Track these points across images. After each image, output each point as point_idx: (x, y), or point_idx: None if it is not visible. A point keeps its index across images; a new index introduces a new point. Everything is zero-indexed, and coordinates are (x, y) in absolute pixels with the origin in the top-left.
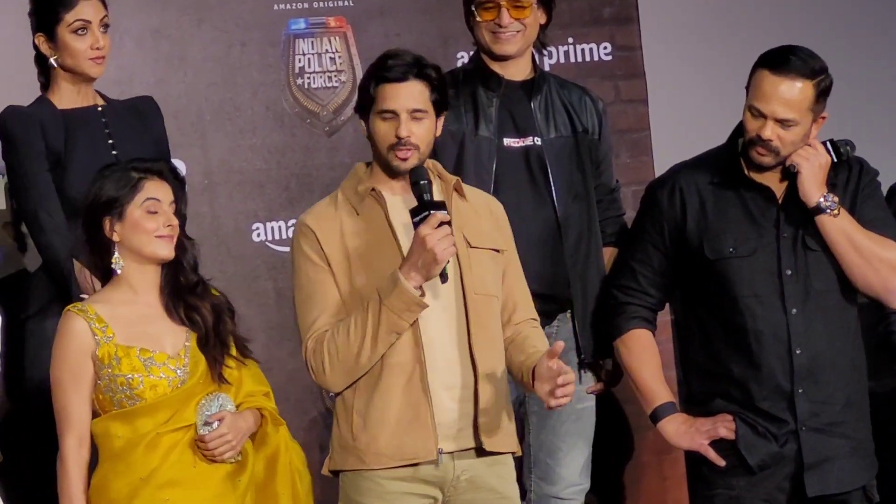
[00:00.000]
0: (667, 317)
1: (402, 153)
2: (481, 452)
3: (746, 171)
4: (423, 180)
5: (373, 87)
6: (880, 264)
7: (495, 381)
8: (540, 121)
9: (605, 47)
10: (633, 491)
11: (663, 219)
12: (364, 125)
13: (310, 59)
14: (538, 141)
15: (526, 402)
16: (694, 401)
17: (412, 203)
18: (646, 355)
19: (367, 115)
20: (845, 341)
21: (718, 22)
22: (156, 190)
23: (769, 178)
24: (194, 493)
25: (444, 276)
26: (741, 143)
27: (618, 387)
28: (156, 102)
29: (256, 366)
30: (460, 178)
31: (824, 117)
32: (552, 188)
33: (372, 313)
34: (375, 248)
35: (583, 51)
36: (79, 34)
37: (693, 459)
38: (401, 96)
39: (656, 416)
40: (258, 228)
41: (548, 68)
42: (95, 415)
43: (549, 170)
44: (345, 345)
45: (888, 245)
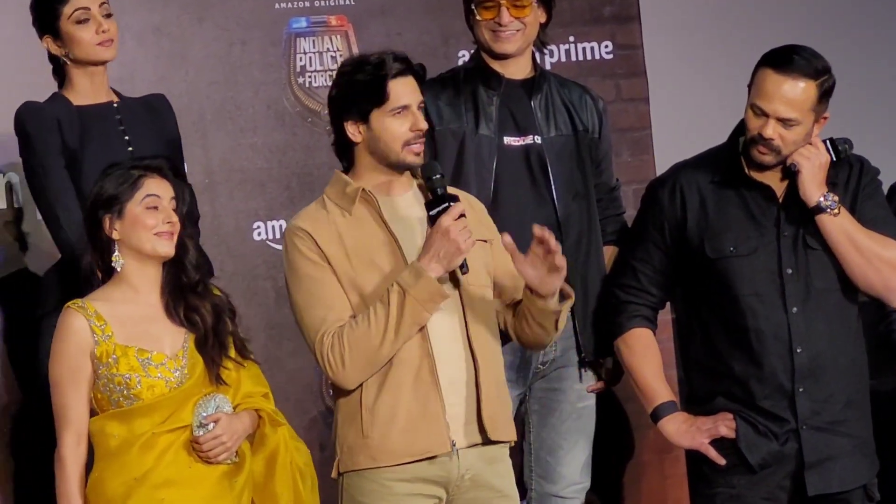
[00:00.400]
0: (668, 316)
1: (418, 147)
2: (487, 443)
3: (747, 169)
4: (437, 174)
5: (385, 86)
6: (881, 263)
7: (494, 372)
8: (540, 119)
9: (607, 46)
10: (634, 490)
11: (664, 218)
12: (358, 129)
13: (311, 57)
14: (538, 139)
15: (527, 401)
16: (695, 400)
17: (403, 202)
18: (647, 354)
19: (366, 117)
20: (846, 340)
21: (720, 21)
22: (156, 187)
23: (770, 177)
24: (190, 493)
25: (464, 267)
26: (742, 141)
27: (618, 385)
28: (168, 101)
29: (256, 367)
30: (461, 176)
31: (826, 118)
32: (552, 187)
33: (395, 305)
34: (374, 246)
35: (584, 49)
36: (81, 23)
37: (694, 458)
38: (410, 91)
39: (657, 414)
40: (259, 227)
41: (549, 67)
42: (92, 413)
43: (549, 168)
44: (365, 338)
45: (889, 244)
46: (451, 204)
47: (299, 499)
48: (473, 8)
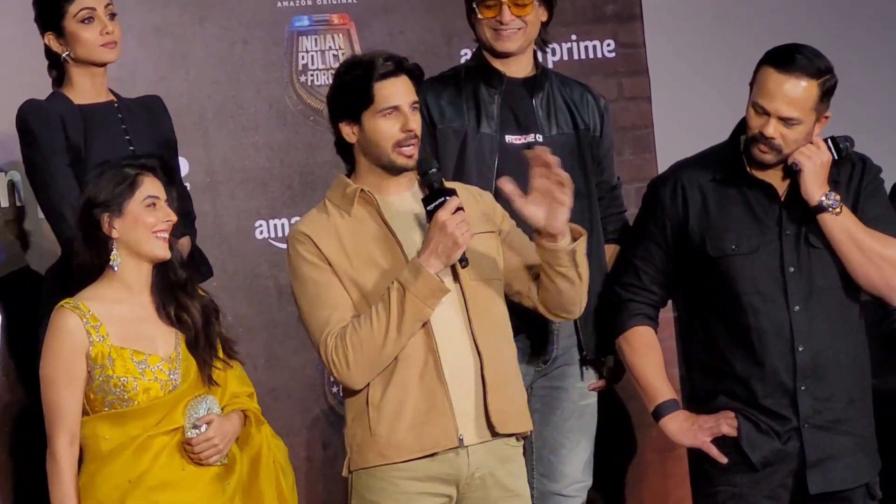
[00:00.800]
0: (670, 314)
1: (409, 149)
2: (497, 437)
3: (748, 168)
4: (432, 169)
5: (371, 87)
6: (883, 262)
7: (501, 365)
8: (541, 118)
9: (609, 44)
10: (636, 488)
11: (665, 216)
12: (352, 130)
13: (313, 56)
14: (540, 138)
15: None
16: (697, 398)
17: (402, 201)
18: (648, 352)
19: (358, 118)
20: (848, 338)
21: (721, 19)
22: (153, 187)
23: (771, 176)
24: (186, 495)
25: (464, 261)
26: (743, 140)
27: (620, 384)
28: (163, 102)
29: (240, 367)
30: (463, 174)
31: (828, 117)
32: None
33: (395, 303)
34: (374, 246)
35: (586, 48)
36: (86, 23)
37: (696, 457)
38: (401, 91)
39: (659, 413)
40: (261, 226)
41: (551, 65)
42: (83, 413)
43: None
44: (368, 337)
45: (891, 243)
46: (448, 198)
47: (282, 495)
48: (475, 6)
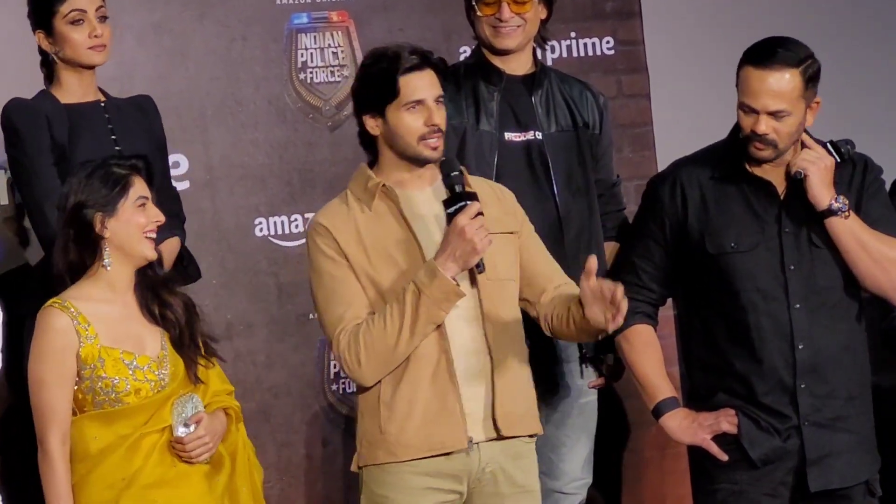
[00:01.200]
0: (669, 312)
1: (434, 142)
2: (503, 439)
3: (747, 166)
4: (455, 171)
5: (396, 80)
6: (889, 264)
7: (513, 366)
8: (541, 115)
9: (608, 42)
10: (636, 486)
11: (664, 214)
12: (376, 123)
13: (312, 53)
14: (539, 135)
15: None
16: (697, 396)
17: (423, 197)
18: (648, 350)
19: (382, 111)
20: (848, 336)
21: (721, 17)
22: (143, 188)
23: (771, 173)
24: (180, 492)
25: (480, 266)
26: (740, 139)
27: (620, 382)
28: (154, 102)
29: (218, 365)
30: None
31: (818, 102)
32: (553, 182)
33: (410, 304)
34: (393, 242)
35: (585, 45)
36: (75, 25)
37: (696, 454)
38: (426, 85)
39: (658, 411)
40: (260, 223)
41: (550, 63)
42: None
43: (549, 164)
44: (381, 336)
45: (895, 244)
46: (468, 203)
47: (255, 491)
48: (474, 4)
